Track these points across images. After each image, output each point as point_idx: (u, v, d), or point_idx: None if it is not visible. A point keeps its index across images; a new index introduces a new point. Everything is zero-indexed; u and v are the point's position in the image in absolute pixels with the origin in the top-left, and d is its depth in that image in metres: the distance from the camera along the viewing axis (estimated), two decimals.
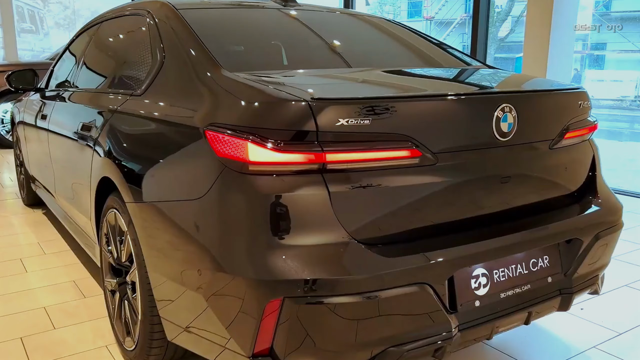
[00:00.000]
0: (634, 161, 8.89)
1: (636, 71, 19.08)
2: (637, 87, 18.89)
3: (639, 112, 17.81)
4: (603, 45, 20.91)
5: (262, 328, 1.47)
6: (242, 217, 1.49)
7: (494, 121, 1.70)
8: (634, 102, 18.37)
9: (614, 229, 2.03)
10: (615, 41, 19.82)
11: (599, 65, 20.51)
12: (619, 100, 18.37)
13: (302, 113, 1.47)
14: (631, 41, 19.03)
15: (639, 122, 16.74)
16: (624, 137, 12.96)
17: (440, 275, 1.57)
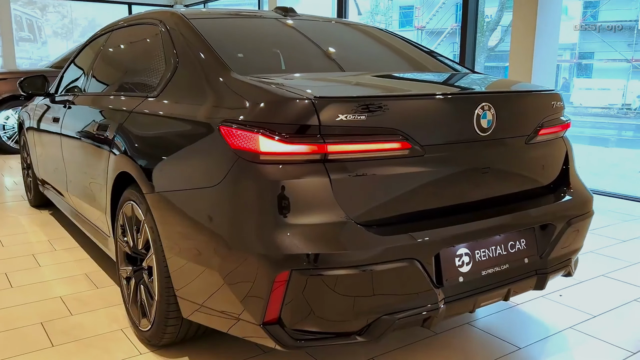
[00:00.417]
0: (618, 165, 9.18)
1: (623, 80, 19.43)
2: (624, 95, 19.27)
3: (626, 119, 18.13)
4: (591, 55, 21.31)
5: (272, 298, 1.68)
6: (254, 200, 1.70)
7: (474, 118, 1.92)
8: (621, 110, 18.73)
9: (585, 216, 2.26)
10: (602, 50, 20.22)
11: (587, 74, 20.88)
12: (606, 108, 18.73)
13: (307, 109, 1.69)
14: (618, 50, 19.44)
15: (625, 130, 17.06)
16: (610, 144, 13.26)
17: (427, 253, 1.78)
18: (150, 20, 2.73)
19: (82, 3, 12.18)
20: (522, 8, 5.52)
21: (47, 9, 11.99)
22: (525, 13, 5.48)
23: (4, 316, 2.67)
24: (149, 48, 2.67)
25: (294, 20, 2.83)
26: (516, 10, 5.61)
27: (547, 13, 5.49)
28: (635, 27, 19.41)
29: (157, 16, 2.68)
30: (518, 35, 5.60)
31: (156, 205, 2.09)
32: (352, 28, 3.15)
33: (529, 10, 5.43)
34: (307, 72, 2.36)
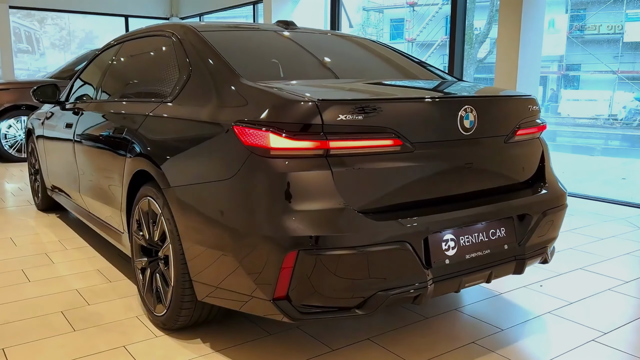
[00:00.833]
0: (603, 172, 9.50)
1: (609, 91, 19.84)
2: (610, 106, 19.69)
3: (612, 129, 18.52)
4: (578, 67, 21.76)
5: (281, 276, 1.91)
6: (265, 190, 1.93)
7: (458, 119, 2.17)
8: (607, 120, 19.14)
9: (559, 209, 2.51)
10: (589, 62, 20.67)
11: (574, 85, 21.30)
12: (593, 118, 19.13)
13: (311, 110, 1.93)
14: (604, 62, 19.88)
15: (612, 139, 17.42)
16: (596, 152, 13.61)
17: (417, 237, 2.02)
18: (162, 33, 2.98)
19: (79, 15, 12.43)
20: (507, 21, 5.81)
21: (45, 21, 12.22)
22: (510, 26, 5.77)
23: (27, 306, 2.87)
24: (162, 58, 2.91)
25: (294, 33, 3.08)
26: (501, 24, 5.90)
27: (531, 26, 5.79)
28: (620, 40, 19.91)
29: (169, 29, 2.92)
30: (503, 48, 5.89)
31: (174, 199, 2.32)
32: (346, 39, 3.40)
33: (513, 23, 5.73)
34: (307, 79, 2.60)
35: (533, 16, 5.77)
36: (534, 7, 5.75)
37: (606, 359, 2.35)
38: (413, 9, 24.18)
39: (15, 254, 3.75)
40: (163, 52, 2.91)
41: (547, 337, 2.56)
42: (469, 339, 2.51)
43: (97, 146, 3.23)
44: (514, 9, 5.71)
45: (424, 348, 2.42)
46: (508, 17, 5.79)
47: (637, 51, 19.92)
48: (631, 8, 19.72)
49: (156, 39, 3.05)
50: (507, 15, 5.79)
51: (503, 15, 5.86)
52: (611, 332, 2.58)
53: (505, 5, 5.81)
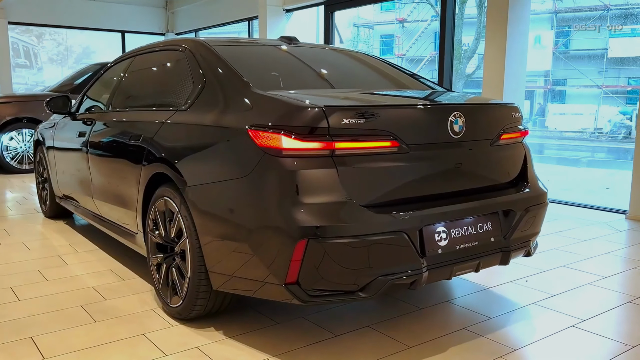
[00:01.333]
0: (587, 182, 9.83)
1: (594, 105, 20.29)
2: (595, 120, 20.14)
3: (598, 142, 18.93)
4: (564, 81, 22.26)
5: (292, 263, 2.14)
6: (278, 186, 2.17)
7: (449, 123, 2.43)
8: (593, 133, 19.58)
9: (540, 206, 2.76)
10: (575, 77, 21.17)
11: (561, 100, 21.76)
12: (579, 132, 19.56)
13: (319, 115, 2.17)
14: (589, 77, 20.36)
15: (598, 152, 17.80)
16: (581, 164, 13.96)
17: (413, 227, 2.26)
18: (175, 47, 3.22)
19: (77, 31, 12.68)
20: (494, 38, 6.12)
21: (43, 37, 12.45)
22: (497, 42, 6.08)
23: (48, 301, 3.07)
24: (176, 70, 3.15)
25: (297, 47, 3.34)
26: (488, 40, 6.21)
27: (516, 42, 6.10)
28: (605, 56, 20.43)
29: (181, 43, 3.17)
30: (490, 63, 6.20)
31: (191, 197, 2.54)
32: (344, 53, 3.67)
33: (499, 39, 6.04)
34: (310, 89, 2.85)
35: (518, 32, 6.08)
36: (519, 24, 6.07)
37: (584, 342, 2.59)
38: (402, 25, 24.64)
39: (30, 256, 3.94)
40: (176, 65, 3.15)
41: (531, 323, 2.80)
42: (460, 325, 2.75)
43: (112, 153, 3.46)
44: (500, 26, 6.03)
45: (419, 333, 2.65)
46: (495, 33, 6.10)
47: (621, 67, 20.43)
48: (614, 25, 20.24)
49: (169, 53, 3.30)
50: (494, 31, 6.11)
51: (490, 32, 6.17)
52: (589, 319, 2.83)
53: (492, 23, 6.13)
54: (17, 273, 3.56)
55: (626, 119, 19.41)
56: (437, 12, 22.67)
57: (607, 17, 20.06)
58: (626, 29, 20.05)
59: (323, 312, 2.90)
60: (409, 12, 24.32)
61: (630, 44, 19.81)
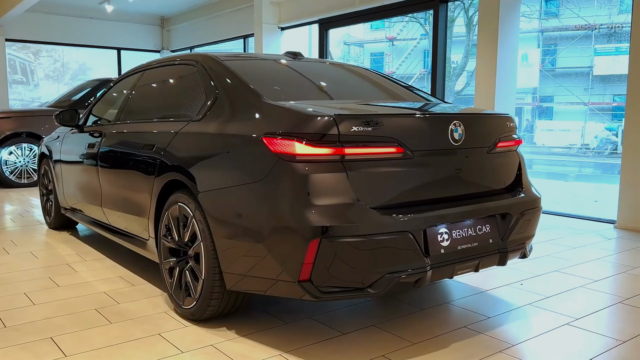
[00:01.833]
0: (575, 195, 10.07)
1: (581, 121, 20.66)
2: (582, 136, 20.51)
3: (585, 158, 19.26)
4: (551, 98, 22.67)
5: (306, 261, 2.28)
6: (292, 189, 2.31)
7: (449, 131, 2.60)
8: (580, 149, 19.93)
9: (535, 210, 2.93)
10: (561, 94, 21.59)
11: (548, 116, 22.14)
12: (567, 147, 19.89)
13: (330, 123, 2.33)
14: (575, 94, 20.77)
15: (585, 167, 18.11)
16: (570, 178, 14.23)
17: (418, 228, 2.41)
18: (186, 61, 3.38)
19: (73, 48, 12.83)
20: (485, 55, 6.35)
21: (40, 54, 12.59)
22: (488, 59, 6.31)
23: (62, 305, 3.17)
24: (187, 83, 3.30)
25: (302, 62, 3.51)
26: (479, 57, 6.44)
27: (506, 60, 6.33)
28: (590, 73, 20.88)
29: (192, 58, 3.33)
30: (481, 79, 6.42)
31: (206, 202, 2.68)
32: (346, 68, 3.84)
33: (490, 57, 6.27)
34: (317, 100, 3.01)
35: (508, 50, 6.32)
36: (509, 41, 6.31)
37: (578, 338, 2.74)
38: (392, 43, 25.03)
39: (39, 264, 4.04)
40: (188, 78, 3.31)
41: (528, 322, 2.94)
42: (460, 324, 2.89)
43: (124, 163, 3.59)
44: (490, 44, 6.26)
45: (422, 331, 2.79)
46: (485, 51, 6.32)
47: (606, 84, 20.87)
48: (599, 43, 20.71)
49: (180, 67, 3.46)
50: (485, 49, 6.33)
51: (481, 50, 6.39)
52: (582, 318, 2.98)
53: (483, 41, 6.36)
54: (28, 280, 3.66)
55: (612, 135, 19.80)
56: (426, 30, 23.12)
57: (592, 36, 20.53)
58: (610, 47, 20.54)
59: (329, 312, 3.03)
60: (399, 31, 24.73)
61: (614, 62, 20.28)
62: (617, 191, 5.44)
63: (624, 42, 20.19)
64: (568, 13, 20.71)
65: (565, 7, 20.98)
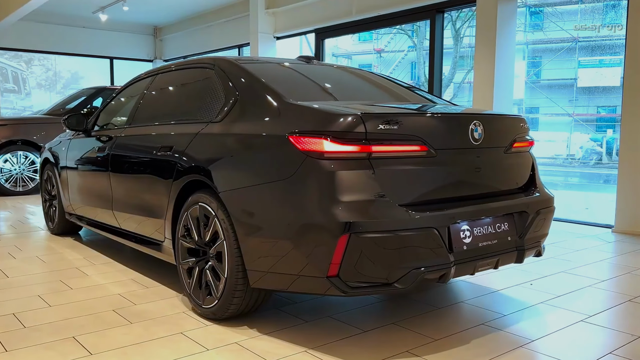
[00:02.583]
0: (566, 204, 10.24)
1: (566, 132, 20.97)
2: (568, 146, 20.82)
3: (571, 168, 19.53)
4: (536, 109, 23.01)
5: (335, 256, 2.31)
6: (322, 186, 2.36)
7: (469, 131, 2.66)
8: (566, 159, 20.23)
9: (549, 209, 3.00)
10: (547, 105, 21.92)
11: (534, 127, 22.42)
12: (553, 158, 20.18)
13: (357, 121, 2.38)
14: (560, 106, 21.10)
15: (571, 176, 18.34)
16: (558, 187, 14.42)
17: (443, 224, 2.46)
18: (202, 65, 3.43)
19: (65, 57, 12.79)
20: (482, 67, 6.47)
21: (32, 62, 12.52)
22: (485, 70, 6.43)
23: (79, 307, 3.17)
24: (204, 85, 3.33)
25: (316, 65, 3.57)
26: (477, 68, 6.55)
27: (503, 71, 6.46)
28: (575, 85, 21.25)
29: (209, 61, 3.38)
30: (479, 90, 6.53)
31: (230, 200, 2.71)
32: (357, 71, 3.90)
33: (488, 67, 6.39)
34: (335, 100, 3.04)
35: (505, 60, 6.45)
36: (506, 52, 6.44)
37: (593, 333, 2.80)
38: (380, 55, 25.27)
39: (48, 268, 4.03)
40: (205, 81, 3.34)
41: (543, 319, 3.00)
42: (478, 321, 2.94)
43: (138, 166, 3.60)
44: (488, 57, 6.38)
45: (442, 328, 2.83)
46: (483, 62, 6.44)
47: (590, 96, 21.25)
48: (583, 56, 21.11)
49: (196, 71, 3.49)
50: (482, 61, 6.45)
51: (478, 61, 6.51)
52: (595, 315, 3.05)
53: (481, 52, 6.48)
54: (40, 283, 3.64)
55: (597, 146, 20.14)
56: (414, 42, 23.41)
57: (576, 48, 20.92)
58: (594, 59, 20.93)
59: (347, 311, 3.07)
60: (387, 43, 25.00)
61: (598, 74, 20.68)
62: (604, 199, 5.57)
63: (606, 55, 20.62)
64: (552, 26, 21.11)
65: (549, 20, 21.38)
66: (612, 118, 21.06)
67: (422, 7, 7.38)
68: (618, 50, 20.50)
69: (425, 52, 22.83)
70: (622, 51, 21.78)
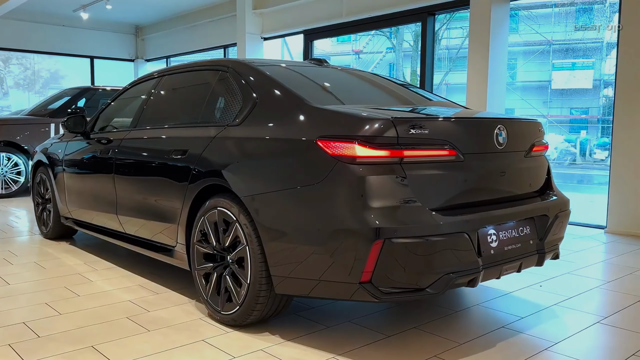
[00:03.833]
0: None
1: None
2: None
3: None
4: (512, 111, 23.32)
5: (368, 262, 2.30)
6: (355, 191, 2.33)
7: (494, 135, 2.68)
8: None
9: (566, 212, 3.04)
10: (522, 107, 22.28)
11: None
12: None
13: (389, 126, 2.37)
14: (535, 107, 21.47)
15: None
16: None
17: (473, 229, 2.47)
18: (215, 67, 3.38)
19: (45, 56, 12.51)
20: (475, 70, 6.54)
21: (10, 61, 12.21)
22: (479, 72, 6.49)
23: (91, 314, 3.09)
24: (218, 88, 3.28)
25: (331, 69, 3.55)
26: (471, 70, 6.61)
27: (497, 72, 6.53)
28: (549, 87, 21.64)
29: (222, 63, 3.33)
30: (473, 92, 6.59)
31: (254, 206, 2.66)
32: (368, 74, 3.88)
33: (481, 69, 6.45)
34: (356, 104, 2.99)
35: (498, 62, 6.52)
36: (499, 54, 6.51)
37: (612, 335, 2.84)
38: (359, 56, 25.33)
39: (49, 275, 3.91)
40: (219, 83, 3.28)
41: (560, 321, 3.04)
42: (498, 324, 2.95)
43: (147, 170, 3.52)
44: (482, 58, 6.44)
45: (464, 332, 2.84)
46: (477, 64, 6.51)
47: (563, 97, 21.67)
48: (557, 58, 21.52)
49: (208, 73, 3.44)
50: (476, 62, 6.52)
51: (472, 61, 6.57)
52: (610, 317, 3.09)
53: (474, 55, 6.54)
54: (45, 290, 3.54)
55: (571, 147, 20.53)
56: (393, 44, 23.53)
57: (550, 51, 21.32)
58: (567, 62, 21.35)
59: (366, 316, 3.05)
60: (365, 44, 25.08)
61: (571, 76, 21.11)
62: (579, 199, 5.68)
63: (579, 58, 21.06)
64: (527, 29, 21.45)
65: (524, 23, 21.72)
66: (584, 120, 21.54)
67: (414, 10, 7.42)
68: (590, 53, 20.95)
69: (404, 54, 23.01)
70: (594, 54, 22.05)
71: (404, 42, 23.49)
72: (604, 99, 20.69)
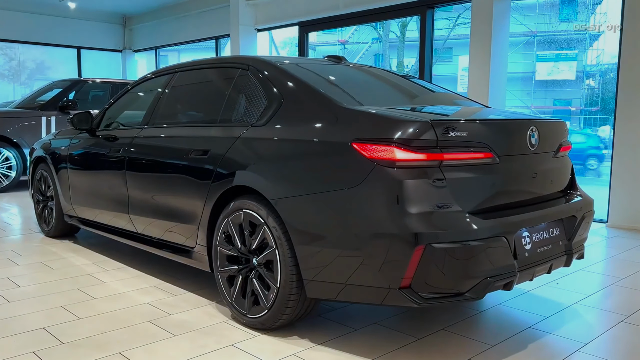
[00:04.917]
0: None
1: None
2: None
3: None
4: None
5: (409, 267, 2.27)
6: (395, 195, 2.30)
7: (527, 137, 2.66)
8: None
9: (591, 212, 3.04)
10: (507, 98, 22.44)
11: None
12: None
13: (427, 129, 2.34)
14: (519, 98, 21.64)
15: None
16: None
17: (510, 232, 2.45)
18: (233, 64, 3.30)
19: (31, 46, 12.21)
20: (476, 64, 6.53)
21: None
22: (480, 67, 6.49)
23: (111, 318, 3.02)
24: (239, 87, 3.20)
25: (350, 67, 3.49)
26: (472, 63, 6.61)
27: (498, 67, 6.54)
28: (532, 78, 21.82)
29: (242, 61, 3.25)
30: (474, 86, 6.59)
31: (285, 208, 2.61)
32: (388, 72, 3.82)
33: (483, 62, 6.45)
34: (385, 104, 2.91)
35: (499, 55, 6.52)
36: (500, 47, 6.52)
37: (636, 335, 2.86)
38: (344, 46, 25.24)
39: (59, 276, 3.82)
40: (238, 82, 3.21)
41: (585, 320, 3.05)
42: (524, 325, 2.96)
43: (163, 169, 3.44)
44: (484, 51, 6.44)
45: (493, 333, 2.84)
46: (479, 56, 6.50)
47: (547, 89, 21.87)
48: (541, 50, 21.67)
49: (226, 70, 3.37)
50: (478, 55, 6.51)
51: (474, 54, 6.56)
52: (633, 315, 3.11)
53: (476, 48, 6.53)
54: (58, 292, 3.46)
55: None
56: (379, 34, 23.48)
57: (534, 42, 21.46)
58: (551, 53, 21.52)
59: (390, 318, 3.03)
60: (350, 35, 24.99)
61: (555, 67, 21.29)
62: None
63: (563, 49, 21.24)
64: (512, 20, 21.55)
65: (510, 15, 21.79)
66: (567, 110, 21.76)
67: (413, 3, 7.37)
68: (573, 44, 21.12)
69: (390, 45, 22.97)
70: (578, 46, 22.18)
71: (390, 33, 23.43)
72: (587, 89, 20.93)
